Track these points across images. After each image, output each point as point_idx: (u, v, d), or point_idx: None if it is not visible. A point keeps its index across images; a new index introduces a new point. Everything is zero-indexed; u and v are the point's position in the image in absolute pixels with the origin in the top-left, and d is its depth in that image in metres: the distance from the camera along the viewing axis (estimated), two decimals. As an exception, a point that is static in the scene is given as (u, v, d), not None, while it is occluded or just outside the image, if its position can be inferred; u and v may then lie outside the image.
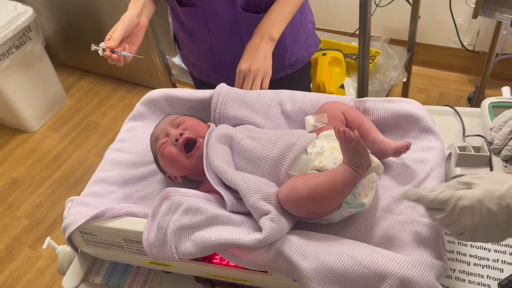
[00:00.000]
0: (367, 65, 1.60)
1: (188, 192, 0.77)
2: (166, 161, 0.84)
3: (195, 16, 1.13)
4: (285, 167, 0.76)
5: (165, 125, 0.87)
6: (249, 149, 0.79)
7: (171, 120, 0.88)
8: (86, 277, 0.90)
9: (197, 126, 0.86)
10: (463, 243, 0.84)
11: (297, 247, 0.68)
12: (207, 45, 1.17)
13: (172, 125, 0.87)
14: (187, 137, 0.82)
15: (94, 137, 2.53)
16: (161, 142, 0.85)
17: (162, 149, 0.84)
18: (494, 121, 0.93)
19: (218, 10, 1.09)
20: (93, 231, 0.79)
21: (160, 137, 0.86)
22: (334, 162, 0.72)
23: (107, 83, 2.84)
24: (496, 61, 2.20)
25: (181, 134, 0.83)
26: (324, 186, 0.68)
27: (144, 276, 0.89)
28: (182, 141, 0.82)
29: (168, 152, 0.83)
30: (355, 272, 0.64)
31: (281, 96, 0.92)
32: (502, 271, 0.79)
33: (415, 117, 0.85)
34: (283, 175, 0.76)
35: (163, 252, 0.74)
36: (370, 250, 0.66)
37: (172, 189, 0.77)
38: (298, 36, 1.21)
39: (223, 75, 1.21)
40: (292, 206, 0.71)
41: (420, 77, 2.53)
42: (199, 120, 0.90)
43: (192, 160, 0.82)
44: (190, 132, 0.84)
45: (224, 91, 0.93)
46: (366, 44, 1.52)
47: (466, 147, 0.89)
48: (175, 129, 0.85)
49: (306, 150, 0.77)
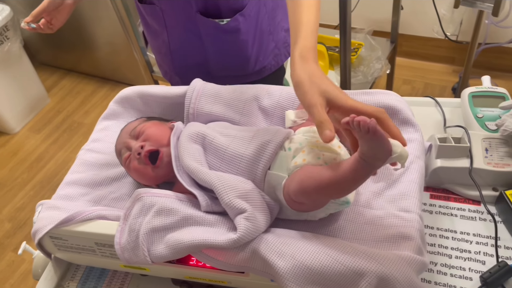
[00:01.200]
0: (349, 58, 1.58)
1: (160, 192, 0.74)
2: (134, 175, 0.83)
3: (154, 15, 1.09)
4: (262, 165, 0.73)
5: (125, 137, 0.84)
6: (222, 147, 0.76)
7: (130, 131, 0.84)
8: (61, 282, 0.87)
9: (158, 133, 0.82)
10: (445, 236, 0.83)
11: (273, 246, 0.66)
12: (166, 45, 1.13)
13: (131, 136, 0.83)
14: (149, 150, 0.80)
15: (77, 137, 2.48)
16: (125, 157, 0.82)
17: (127, 164, 0.82)
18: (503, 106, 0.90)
19: (175, 11, 1.05)
20: (63, 235, 0.77)
21: (122, 152, 0.83)
22: (318, 157, 0.70)
23: (89, 81, 2.79)
24: (479, 51, 2.20)
25: (142, 147, 0.80)
26: (329, 185, 0.63)
27: (121, 280, 0.86)
28: (144, 154, 0.79)
29: (134, 167, 0.81)
30: (332, 271, 0.63)
31: (258, 91, 0.90)
32: (484, 263, 0.78)
33: (394, 109, 0.84)
34: (260, 173, 0.73)
35: (135, 256, 0.71)
36: (347, 247, 0.64)
37: (144, 190, 0.74)
38: (265, 43, 1.14)
39: (184, 79, 1.17)
40: (303, 198, 0.67)
41: (405, 68, 2.52)
42: (161, 123, 0.86)
43: (160, 170, 0.80)
44: (150, 143, 0.81)
45: (199, 87, 0.90)
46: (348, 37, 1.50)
47: (446, 138, 0.88)
48: (135, 141, 0.82)
49: (283, 147, 0.74)
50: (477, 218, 0.84)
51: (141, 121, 0.87)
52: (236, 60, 0.96)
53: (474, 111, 0.94)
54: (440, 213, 0.86)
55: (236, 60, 0.96)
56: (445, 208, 0.87)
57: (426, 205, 0.88)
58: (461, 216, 0.85)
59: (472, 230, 0.83)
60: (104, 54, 2.61)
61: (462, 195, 0.88)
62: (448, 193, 0.89)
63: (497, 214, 0.84)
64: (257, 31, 1.09)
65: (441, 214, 0.86)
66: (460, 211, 0.86)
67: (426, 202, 0.88)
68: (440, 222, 0.85)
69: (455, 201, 0.88)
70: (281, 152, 0.74)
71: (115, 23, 2.24)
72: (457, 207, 0.87)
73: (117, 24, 2.16)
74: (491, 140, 0.88)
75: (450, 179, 0.88)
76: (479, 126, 0.92)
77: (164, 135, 0.82)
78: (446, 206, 0.87)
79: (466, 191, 0.87)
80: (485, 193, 0.85)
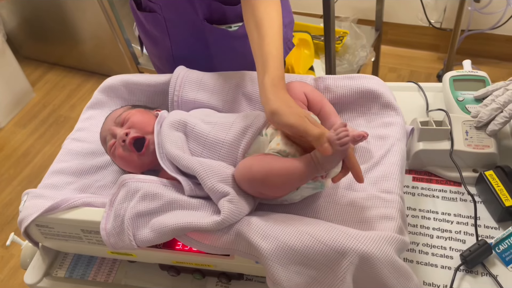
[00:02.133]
0: (333, 46, 1.59)
1: (144, 178, 0.75)
2: (119, 162, 0.83)
3: (155, 23, 1.05)
4: (241, 150, 0.75)
5: (110, 124, 0.84)
6: (204, 134, 0.77)
7: (115, 118, 0.84)
8: (49, 271, 0.88)
9: (143, 120, 0.82)
10: (427, 217, 0.84)
11: (257, 228, 0.67)
12: (168, 52, 1.10)
13: (116, 123, 0.83)
14: (134, 137, 0.80)
15: (64, 131, 2.47)
16: (110, 144, 0.82)
17: (112, 151, 0.82)
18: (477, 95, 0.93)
19: (179, 19, 1.02)
20: (49, 223, 0.77)
21: (107, 139, 0.83)
22: (292, 143, 0.72)
23: (75, 75, 2.77)
24: (463, 38, 2.22)
25: (127, 134, 0.80)
26: (279, 173, 0.67)
27: (109, 267, 0.87)
28: (129, 141, 0.79)
29: (119, 154, 0.81)
30: (315, 251, 0.64)
31: (241, 78, 0.91)
32: (464, 242, 0.80)
33: (376, 93, 0.85)
34: (240, 158, 0.75)
35: (121, 241, 0.72)
36: (329, 228, 0.65)
37: (129, 176, 0.75)
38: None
39: None
40: (246, 185, 0.70)
41: (390, 56, 2.54)
42: (146, 111, 0.86)
43: (146, 157, 0.80)
44: (136, 130, 0.81)
45: (182, 74, 0.91)
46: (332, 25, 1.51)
47: (428, 121, 0.89)
48: (120, 128, 0.82)
49: (263, 132, 0.75)
50: (458, 199, 0.86)
51: (126, 108, 0.87)
52: (244, 63, 0.95)
53: (455, 94, 0.96)
54: (423, 195, 0.88)
55: (244, 63, 0.95)
56: (427, 190, 0.89)
57: (408, 188, 0.89)
58: (442, 197, 0.87)
59: (453, 211, 0.85)
60: (89, 47, 2.59)
61: (443, 177, 0.90)
62: (430, 176, 0.91)
63: (477, 195, 0.86)
64: None
65: (424, 196, 0.88)
66: (442, 192, 0.88)
67: (408, 185, 0.90)
68: (423, 203, 0.87)
69: (437, 183, 0.90)
70: (259, 137, 0.75)
71: (99, 16, 2.22)
72: (438, 188, 0.88)
73: (102, 17, 2.14)
74: (471, 123, 0.89)
75: (431, 162, 0.90)
76: (459, 109, 0.93)
77: (149, 122, 0.83)
78: (428, 188, 0.89)
79: (447, 173, 0.89)
80: (465, 175, 0.86)
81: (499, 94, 0.89)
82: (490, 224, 0.82)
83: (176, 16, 1.01)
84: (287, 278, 0.65)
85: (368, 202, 0.72)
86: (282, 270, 0.64)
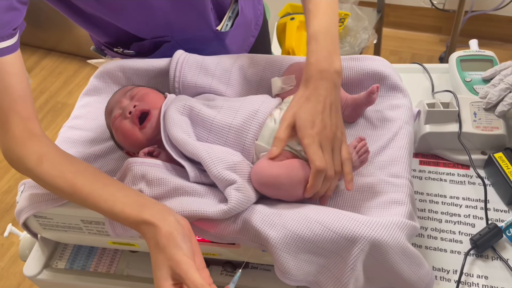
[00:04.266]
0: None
1: (149, 162, 0.72)
2: (120, 136, 0.80)
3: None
4: (250, 136, 0.72)
5: (120, 96, 0.82)
6: (210, 118, 0.74)
7: (126, 92, 0.82)
8: (49, 262, 0.86)
9: (153, 96, 0.80)
10: (435, 201, 0.83)
11: (264, 216, 0.65)
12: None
13: (126, 96, 0.81)
14: (141, 109, 0.77)
15: (61, 117, 2.44)
16: (115, 115, 0.79)
17: (115, 123, 0.79)
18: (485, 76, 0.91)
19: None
20: (48, 214, 0.75)
21: (114, 110, 0.81)
22: None
23: (71, 61, 2.73)
24: (466, 19, 2.18)
25: (134, 106, 0.78)
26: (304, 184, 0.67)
27: (110, 257, 0.85)
28: (136, 113, 0.77)
29: (122, 126, 0.78)
30: (324, 239, 0.62)
31: (242, 60, 0.88)
32: (473, 226, 0.78)
33: (382, 74, 0.82)
34: (248, 144, 0.72)
35: (125, 229, 0.70)
36: (339, 214, 0.63)
37: (134, 159, 0.73)
38: (255, 8, 1.12)
39: None
40: (268, 190, 0.69)
41: (392, 39, 2.50)
42: (156, 91, 0.84)
43: (146, 133, 0.77)
44: (144, 103, 0.78)
45: (182, 58, 0.88)
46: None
47: (435, 103, 0.87)
48: (129, 101, 0.80)
49: (274, 118, 0.73)
50: (466, 182, 0.84)
51: (137, 85, 0.85)
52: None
53: (462, 75, 0.93)
54: (430, 179, 0.86)
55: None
56: (435, 174, 0.87)
57: (416, 172, 0.87)
58: (450, 180, 0.85)
59: (461, 194, 0.83)
60: (85, 33, 2.50)
61: (451, 160, 0.88)
62: (437, 159, 0.89)
63: (486, 177, 0.84)
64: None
65: (431, 180, 0.86)
66: (450, 176, 0.86)
67: (415, 169, 0.88)
68: (430, 187, 0.85)
69: (445, 166, 0.87)
70: (270, 123, 0.72)
71: (95, 0, 2.18)
72: (446, 172, 0.86)
73: (97, 0, 2.10)
74: (479, 104, 0.87)
75: (439, 145, 0.88)
76: (467, 90, 0.91)
77: (159, 100, 0.80)
78: (435, 171, 0.87)
79: (455, 155, 0.87)
80: (474, 157, 0.84)
81: (507, 74, 0.87)
82: (499, 207, 0.80)
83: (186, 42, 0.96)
84: (296, 267, 0.63)
85: (376, 187, 0.70)
86: (291, 258, 0.63)
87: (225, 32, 0.99)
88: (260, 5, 1.15)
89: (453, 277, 0.73)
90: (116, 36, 0.94)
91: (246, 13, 1.04)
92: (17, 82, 0.70)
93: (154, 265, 0.60)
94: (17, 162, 0.70)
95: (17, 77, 0.70)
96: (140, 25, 0.91)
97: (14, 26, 0.71)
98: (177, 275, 0.58)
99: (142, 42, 0.94)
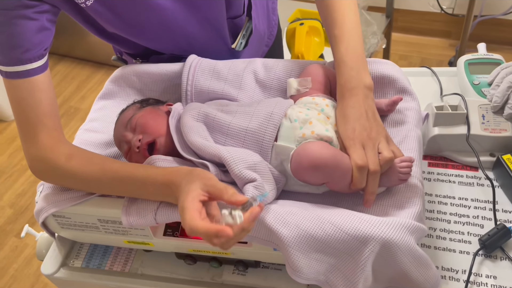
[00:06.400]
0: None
1: (172, 158, 0.75)
2: None
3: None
4: (267, 137, 0.74)
5: (122, 130, 0.83)
6: (226, 123, 0.76)
7: (126, 123, 0.82)
8: (66, 261, 0.88)
9: (153, 123, 0.81)
10: (443, 203, 0.84)
11: (277, 215, 0.67)
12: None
13: (128, 129, 0.82)
14: (147, 142, 0.79)
15: (74, 122, 2.48)
16: (125, 151, 0.81)
17: (128, 157, 0.81)
18: (490, 80, 0.91)
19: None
20: (66, 213, 0.77)
21: (121, 145, 0.83)
22: (326, 129, 0.72)
23: (84, 66, 2.77)
24: (475, 24, 2.19)
25: (139, 140, 0.79)
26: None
27: (125, 256, 0.87)
28: (143, 147, 0.79)
29: (135, 160, 0.80)
30: (336, 239, 0.63)
31: (254, 65, 0.90)
32: (482, 227, 0.79)
33: (391, 78, 0.84)
34: (266, 146, 0.73)
35: (139, 216, 0.72)
36: (351, 216, 0.65)
37: (157, 156, 0.75)
38: (269, 19, 1.15)
39: None
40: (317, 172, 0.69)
41: (401, 44, 2.51)
42: (155, 109, 0.84)
43: None
44: (148, 135, 0.79)
45: (195, 62, 0.90)
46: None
47: (443, 106, 0.88)
48: (132, 133, 0.81)
49: (289, 118, 0.75)
50: (474, 184, 0.85)
51: (135, 109, 0.85)
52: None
53: (470, 78, 0.95)
54: (439, 180, 0.87)
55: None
56: (443, 175, 0.88)
57: (424, 173, 0.89)
58: (459, 182, 0.86)
59: (470, 196, 0.84)
60: (97, 39, 2.55)
61: (459, 162, 0.89)
62: (446, 161, 0.90)
63: (494, 179, 0.85)
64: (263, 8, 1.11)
65: (440, 181, 0.87)
66: (458, 177, 0.87)
67: (424, 170, 0.89)
68: (439, 189, 0.86)
69: (453, 168, 0.89)
70: (286, 123, 0.74)
71: (107, 6, 2.22)
72: (455, 173, 0.88)
73: (110, 7, 2.13)
74: (487, 107, 0.88)
75: (447, 147, 0.89)
76: (475, 93, 0.92)
77: (161, 123, 0.81)
78: (444, 173, 0.88)
79: (463, 157, 0.88)
80: (482, 159, 0.85)
81: (509, 72, 0.87)
82: (508, 208, 0.81)
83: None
84: (307, 266, 0.64)
85: (388, 189, 0.71)
86: (303, 257, 0.64)
87: (239, 50, 1.02)
88: (275, 15, 1.17)
89: (462, 277, 0.74)
90: (136, 49, 0.99)
91: (259, 29, 1.07)
92: (46, 98, 0.76)
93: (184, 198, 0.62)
94: (47, 165, 0.76)
95: (46, 93, 0.76)
96: (161, 44, 0.95)
97: (45, 46, 0.76)
98: (210, 191, 0.63)
99: (161, 56, 0.97)
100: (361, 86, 0.74)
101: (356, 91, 0.73)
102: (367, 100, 0.73)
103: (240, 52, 1.03)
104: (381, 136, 0.70)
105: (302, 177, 0.71)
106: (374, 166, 0.67)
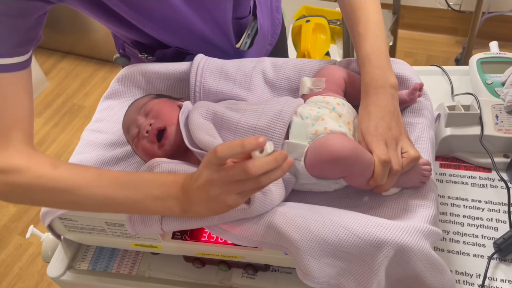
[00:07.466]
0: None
1: (176, 162, 0.73)
2: (140, 153, 0.80)
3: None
4: (277, 135, 0.72)
5: (134, 113, 0.81)
6: (234, 121, 0.75)
7: (139, 108, 0.81)
8: (72, 264, 0.87)
9: (168, 111, 0.79)
10: (456, 205, 0.82)
11: (288, 218, 0.65)
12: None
13: (141, 113, 0.80)
14: (158, 128, 0.77)
15: (78, 119, 2.47)
16: (133, 135, 0.79)
17: (134, 142, 0.79)
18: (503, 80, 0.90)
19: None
20: (73, 216, 0.76)
21: (130, 128, 0.81)
22: (339, 125, 0.71)
23: (88, 63, 2.76)
24: (483, 20, 2.16)
25: (151, 125, 0.77)
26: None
27: (132, 259, 0.86)
28: (153, 132, 0.77)
29: (142, 146, 0.78)
30: (350, 244, 0.62)
31: (263, 64, 0.88)
32: (496, 230, 0.78)
33: (403, 77, 0.82)
34: (276, 143, 0.72)
35: (144, 225, 0.70)
36: (364, 219, 0.63)
37: (160, 159, 0.73)
38: (273, 17, 1.13)
39: None
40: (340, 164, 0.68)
41: (407, 41, 2.49)
42: (170, 101, 0.83)
43: (165, 150, 0.77)
44: (160, 120, 0.78)
45: (203, 62, 0.89)
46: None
47: (455, 106, 0.87)
48: (145, 118, 0.79)
49: (300, 115, 0.73)
50: (488, 185, 0.84)
51: (150, 97, 0.84)
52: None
53: (483, 77, 0.93)
54: (451, 182, 0.86)
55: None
56: (456, 177, 0.86)
57: (436, 175, 0.87)
58: (472, 184, 0.85)
59: (483, 198, 0.82)
60: (101, 36, 2.57)
61: (472, 163, 0.87)
62: (458, 162, 0.88)
63: (509, 181, 0.83)
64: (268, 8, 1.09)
65: (452, 183, 0.85)
66: (471, 179, 0.85)
67: (436, 172, 0.87)
68: (451, 190, 0.84)
69: (466, 169, 0.87)
70: (297, 120, 0.73)
71: (111, 3, 2.20)
72: (467, 175, 0.86)
73: (114, 4, 2.12)
74: (501, 107, 0.86)
75: (460, 147, 0.87)
76: (488, 92, 0.90)
77: (174, 113, 0.80)
78: (456, 174, 0.86)
79: (476, 158, 0.86)
80: (496, 160, 0.84)
81: None
82: (523, 212, 0.79)
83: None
84: (319, 270, 0.63)
85: (402, 191, 0.70)
86: (315, 261, 0.63)
87: (244, 50, 1.01)
88: (279, 14, 1.15)
89: (477, 281, 0.72)
90: (142, 37, 0.95)
91: (264, 29, 1.05)
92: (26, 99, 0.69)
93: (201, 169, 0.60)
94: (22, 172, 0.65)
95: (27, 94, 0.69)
96: (167, 37, 0.92)
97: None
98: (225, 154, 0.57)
99: (166, 50, 0.95)
100: (387, 85, 0.73)
101: (382, 90, 0.73)
102: (393, 101, 0.72)
103: (244, 51, 1.02)
104: (405, 137, 0.70)
105: (319, 171, 0.69)
106: (397, 166, 0.67)
